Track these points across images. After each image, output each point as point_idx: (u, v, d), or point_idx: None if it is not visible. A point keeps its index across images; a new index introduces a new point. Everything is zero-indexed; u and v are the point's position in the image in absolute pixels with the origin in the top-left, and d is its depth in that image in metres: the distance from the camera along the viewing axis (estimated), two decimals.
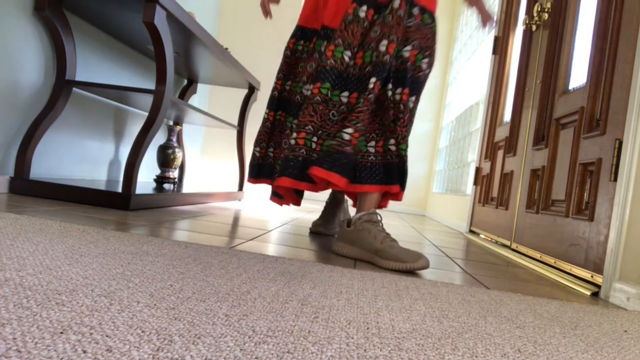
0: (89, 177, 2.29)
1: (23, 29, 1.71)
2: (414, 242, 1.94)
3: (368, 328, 0.65)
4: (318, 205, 3.89)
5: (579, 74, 1.70)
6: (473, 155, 3.29)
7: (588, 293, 1.24)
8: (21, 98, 1.76)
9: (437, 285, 1.05)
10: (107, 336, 0.49)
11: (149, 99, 1.98)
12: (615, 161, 1.28)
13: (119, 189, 1.79)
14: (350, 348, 0.56)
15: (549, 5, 2.04)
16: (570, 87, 1.75)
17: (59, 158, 2.05)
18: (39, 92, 1.84)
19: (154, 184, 2.48)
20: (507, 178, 2.31)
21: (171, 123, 2.80)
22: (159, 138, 2.93)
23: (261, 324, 0.60)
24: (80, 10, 1.88)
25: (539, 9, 2.10)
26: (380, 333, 0.64)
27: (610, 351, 0.72)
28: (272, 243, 1.38)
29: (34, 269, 0.70)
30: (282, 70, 1.59)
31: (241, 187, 3.02)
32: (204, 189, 2.75)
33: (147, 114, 2.70)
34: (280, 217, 2.23)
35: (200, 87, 3.89)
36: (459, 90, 4.08)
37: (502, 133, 2.50)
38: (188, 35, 1.92)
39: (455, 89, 4.26)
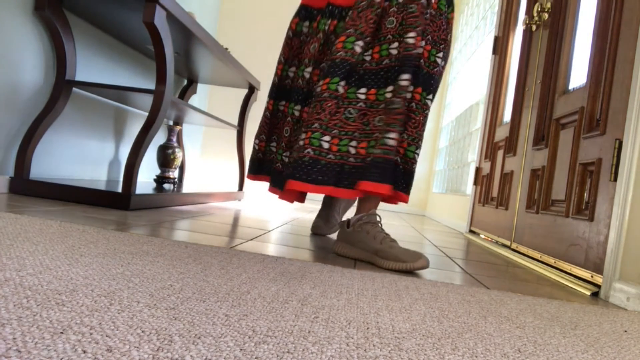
0: (89, 177, 2.29)
1: (23, 29, 1.71)
2: (414, 242, 1.94)
3: (368, 328, 0.65)
4: (318, 205, 3.89)
5: (579, 74, 1.70)
6: (473, 155, 3.29)
7: (588, 293, 1.24)
8: (21, 98, 1.76)
9: (437, 285, 1.05)
10: (107, 336, 0.49)
11: (149, 99, 1.98)
12: (615, 161, 1.28)
13: (119, 189, 1.79)
14: (350, 348, 0.56)
15: (549, 5, 2.04)
16: (570, 87, 1.75)
17: (59, 158, 2.05)
18: (39, 92, 1.84)
19: (154, 184, 2.48)
20: (507, 178, 2.30)
21: (171, 123, 2.80)
22: (159, 138, 2.93)
23: (261, 324, 0.60)
24: (80, 10, 1.88)
25: (539, 9, 2.10)
26: (380, 333, 0.64)
27: (610, 351, 0.72)
28: (272, 243, 1.38)
29: (34, 269, 0.70)
30: (283, 53, 1.48)
31: (241, 187, 3.02)
32: (204, 189, 2.75)
33: (147, 114, 2.70)
34: (280, 217, 2.23)
35: (200, 87, 3.89)
36: (459, 90, 4.08)
37: (502, 133, 2.50)
38: (188, 35, 1.92)
39: (455, 89, 4.26)
